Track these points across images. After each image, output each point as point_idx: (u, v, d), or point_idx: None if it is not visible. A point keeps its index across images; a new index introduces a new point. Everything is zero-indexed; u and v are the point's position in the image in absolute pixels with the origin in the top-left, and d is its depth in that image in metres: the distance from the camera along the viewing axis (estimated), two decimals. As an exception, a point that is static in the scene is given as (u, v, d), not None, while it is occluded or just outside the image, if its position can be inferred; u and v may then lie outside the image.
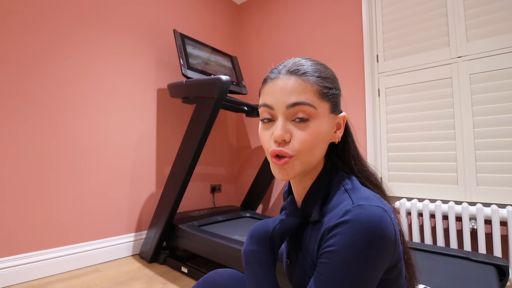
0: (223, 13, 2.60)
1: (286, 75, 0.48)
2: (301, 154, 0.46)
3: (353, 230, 0.39)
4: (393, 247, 0.41)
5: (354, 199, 0.44)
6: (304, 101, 0.46)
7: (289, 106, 0.46)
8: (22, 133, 1.40)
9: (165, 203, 1.62)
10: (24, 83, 1.41)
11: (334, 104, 0.50)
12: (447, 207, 1.46)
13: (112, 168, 1.74)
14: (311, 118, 0.46)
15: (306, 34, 2.20)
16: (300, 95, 0.46)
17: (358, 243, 0.38)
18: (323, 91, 0.47)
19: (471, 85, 1.51)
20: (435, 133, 1.60)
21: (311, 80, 0.47)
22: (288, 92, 0.46)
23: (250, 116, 2.12)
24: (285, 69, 0.49)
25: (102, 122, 1.70)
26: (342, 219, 0.41)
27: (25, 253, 1.39)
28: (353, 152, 0.54)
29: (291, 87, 0.46)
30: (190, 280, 1.42)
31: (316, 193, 0.52)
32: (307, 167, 0.49)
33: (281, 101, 0.47)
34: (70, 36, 1.58)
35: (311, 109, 0.46)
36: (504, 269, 1.02)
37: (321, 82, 0.48)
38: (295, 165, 0.47)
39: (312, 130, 0.46)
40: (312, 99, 0.46)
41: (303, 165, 0.48)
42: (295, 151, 0.46)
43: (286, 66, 0.49)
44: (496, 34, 1.46)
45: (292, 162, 0.47)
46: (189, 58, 1.83)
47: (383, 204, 0.43)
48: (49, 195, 1.48)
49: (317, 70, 0.49)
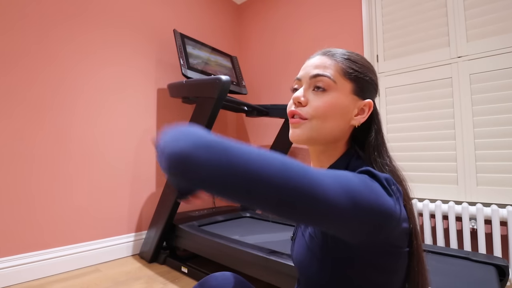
0: (223, 13, 2.60)
1: (320, 54, 0.53)
2: (314, 118, 0.49)
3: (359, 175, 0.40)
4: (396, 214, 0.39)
5: None
6: (324, 73, 0.50)
7: (311, 77, 0.51)
8: (22, 133, 1.40)
9: (165, 203, 1.62)
10: (25, 84, 1.41)
11: (359, 87, 0.52)
12: (447, 207, 1.46)
13: (112, 168, 1.74)
14: (328, 89, 0.50)
15: (306, 33, 2.20)
16: (323, 69, 0.51)
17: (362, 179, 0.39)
18: (346, 70, 0.51)
19: (471, 85, 1.51)
20: (435, 133, 1.60)
21: (337, 59, 0.51)
22: (314, 66, 0.52)
23: (250, 116, 2.12)
24: (322, 51, 0.54)
25: (102, 122, 1.70)
26: None
27: (25, 253, 1.39)
28: (374, 142, 0.54)
29: (317, 63, 0.52)
30: (190, 280, 1.42)
31: None
32: (317, 136, 0.50)
33: (307, 73, 0.52)
34: (70, 35, 1.58)
35: (330, 81, 0.50)
36: (504, 269, 1.02)
37: (346, 63, 0.51)
38: (306, 128, 0.50)
39: (327, 99, 0.49)
40: (333, 74, 0.50)
41: (312, 131, 0.50)
42: (308, 115, 0.50)
43: (324, 49, 0.55)
44: (496, 34, 1.46)
45: (304, 125, 0.50)
46: (189, 58, 1.83)
47: None
48: (49, 195, 1.48)
49: (347, 54, 0.53)
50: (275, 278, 1.11)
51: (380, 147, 0.54)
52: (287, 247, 1.27)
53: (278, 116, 2.05)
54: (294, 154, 2.23)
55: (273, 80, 2.41)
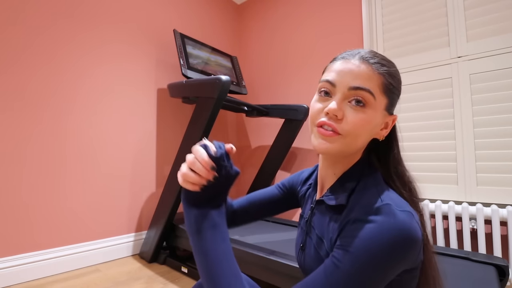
0: (223, 13, 2.60)
1: (358, 60, 0.48)
2: (348, 135, 0.47)
3: (381, 229, 0.40)
4: (417, 254, 0.42)
5: (383, 198, 0.44)
6: (367, 88, 0.46)
7: (351, 88, 0.47)
8: (23, 134, 1.40)
9: (165, 203, 1.62)
10: (27, 84, 1.41)
11: (391, 102, 0.50)
12: (447, 207, 1.46)
13: (112, 168, 1.73)
14: (367, 105, 0.47)
15: (306, 34, 2.20)
16: (365, 81, 0.47)
17: (383, 244, 0.39)
18: (387, 86, 0.48)
19: (471, 85, 1.51)
20: (435, 133, 1.60)
21: (380, 72, 0.48)
22: (354, 75, 0.47)
23: (250, 116, 2.12)
24: (359, 55, 0.49)
25: (102, 122, 1.70)
26: (371, 217, 0.42)
27: (25, 253, 1.39)
28: (395, 157, 0.54)
29: (359, 72, 0.47)
30: (190, 280, 1.42)
31: (349, 180, 0.52)
32: (346, 151, 0.49)
33: (345, 81, 0.47)
34: (70, 35, 1.58)
35: (371, 97, 0.47)
36: (504, 269, 1.02)
37: (388, 77, 0.48)
38: (338, 143, 0.48)
39: (365, 117, 0.47)
40: (374, 89, 0.47)
41: (344, 146, 0.48)
42: (344, 131, 0.47)
43: (361, 53, 0.50)
44: (496, 34, 1.46)
45: (337, 139, 0.47)
46: (189, 58, 1.83)
47: (409, 208, 0.43)
48: (49, 195, 1.48)
49: (388, 66, 0.49)
50: (275, 278, 1.11)
51: (397, 162, 0.54)
52: (287, 247, 1.27)
53: (278, 116, 2.05)
54: (294, 154, 2.23)
55: (273, 80, 2.41)
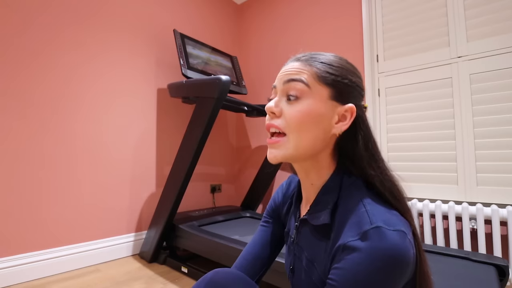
0: (223, 13, 2.60)
1: (293, 61, 0.51)
2: (291, 133, 0.47)
3: (372, 258, 0.38)
4: (411, 272, 0.41)
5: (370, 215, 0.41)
6: (297, 78, 0.48)
7: (285, 83, 0.49)
8: (21, 132, 1.40)
9: (165, 203, 1.62)
10: (22, 82, 1.41)
11: (338, 91, 0.48)
12: (447, 207, 1.46)
13: (112, 168, 1.73)
14: (302, 96, 0.47)
15: (306, 34, 2.20)
16: (296, 74, 0.48)
17: (377, 273, 0.37)
18: (321, 75, 0.48)
19: (471, 85, 1.51)
20: (435, 133, 1.60)
21: (312, 64, 0.49)
22: (288, 72, 0.50)
23: (250, 116, 2.12)
24: (295, 57, 0.52)
25: (102, 121, 1.70)
26: (361, 244, 0.39)
27: (25, 253, 1.39)
28: (362, 153, 0.47)
29: (291, 68, 0.50)
30: (190, 280, 1.42)
31: (329, 194, 0.49)
32: (300, 153, 0.47)
33: (281, 80, 0.50)
34: (70, 34, 1.58)
35: (303, 87, 0.47)
36: (504, 269, 1.02)
37: (322, 67, 0.48)
38: (284, 147, 0.48)
39: (301, 108, 0.47)
40: (308, 79, 0.47)
41: (293, 149, 0.47)
42: (286, 128, 0.47)
43: (297, 55, 0.52)
44: (496, 34, 1.46)
45: (282, 143, 0.48)
46: (189, 58, 1.83)
47: (400, 225, 0.40)
48: (49, 195, 1.48)
49: (323, 58, 0.50)
50: (275, 278, 1.11)
51: (369, 158, 0.48)
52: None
53: (278, 116, 2.04)
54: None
55: (273, 80, 2.40)
